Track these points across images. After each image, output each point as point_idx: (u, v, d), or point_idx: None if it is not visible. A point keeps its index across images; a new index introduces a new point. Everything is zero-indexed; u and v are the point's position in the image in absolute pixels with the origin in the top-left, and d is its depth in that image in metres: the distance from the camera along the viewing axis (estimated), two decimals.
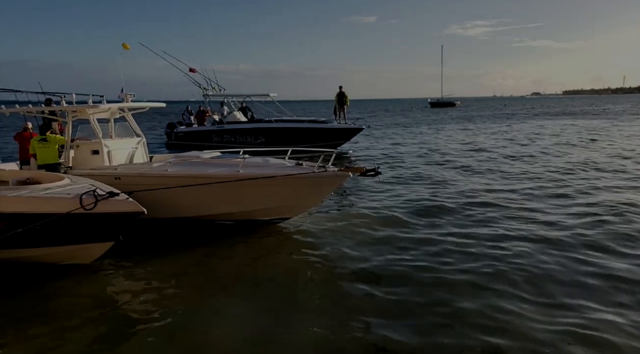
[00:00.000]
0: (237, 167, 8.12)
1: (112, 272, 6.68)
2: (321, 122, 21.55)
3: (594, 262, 6.66)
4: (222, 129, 19.83)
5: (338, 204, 10.58)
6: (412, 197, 10.89)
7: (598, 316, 5.12)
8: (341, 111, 22.54)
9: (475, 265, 6.59)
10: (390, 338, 4.70)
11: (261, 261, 7.23)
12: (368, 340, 4.71)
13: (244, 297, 5.83)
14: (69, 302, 5.71)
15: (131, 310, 5.54)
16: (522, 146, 21.10)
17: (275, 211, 8.56)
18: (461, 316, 5.13)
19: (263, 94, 21.58)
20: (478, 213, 9.35)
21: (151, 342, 4.71)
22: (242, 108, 21.60)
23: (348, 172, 7.86)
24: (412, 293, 5.79)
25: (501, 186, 12.08)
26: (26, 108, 8.78)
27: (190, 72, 20.07)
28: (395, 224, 8.76)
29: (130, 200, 6.35)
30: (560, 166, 14.86)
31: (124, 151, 9.23)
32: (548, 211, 9.41)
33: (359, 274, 6.45)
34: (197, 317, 5.21)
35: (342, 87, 22.28)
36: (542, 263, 6.65)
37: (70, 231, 6.20)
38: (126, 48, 9.09)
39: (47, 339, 4.77)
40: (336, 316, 5.21)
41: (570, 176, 13.12)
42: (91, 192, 6.12)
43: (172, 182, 8.04)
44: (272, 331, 4.89)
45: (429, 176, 13.74)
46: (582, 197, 10.45)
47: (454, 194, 11.04)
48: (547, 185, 11.94)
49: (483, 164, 15.87)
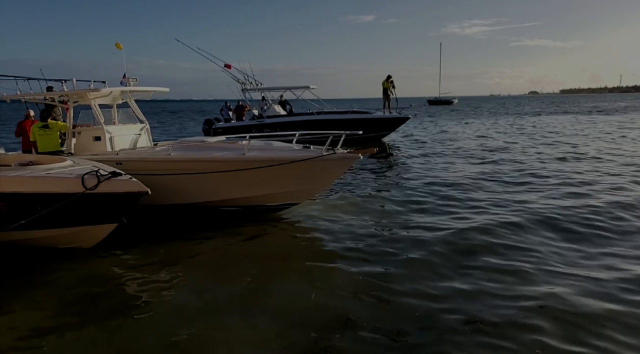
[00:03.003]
0: (242, 151, 7.65)
1: (111, 260, 6.31)
2: (364, 113, 20.77)
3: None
4: (262, 123, 19.37)
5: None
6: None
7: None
8: (386, 101, 21.66)
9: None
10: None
11: (260, 246, 6.86)
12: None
13: (242, 290, 5.30)
14: (66, 288, 5.42)
15: (129, 297, 5.26)
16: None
17: (281, 196, 8.02)
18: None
19: (302, 86, 20.96)
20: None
21: (147, 330, 4.41)
22: (281, 102, 21.09)
23: (358, 154, 7.33)
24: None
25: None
26: (27, 94, 8.60)
27: (226, 68, 19.76)
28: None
29: (133, 180, 6.15)
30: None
31: (126, 137, 8.88)
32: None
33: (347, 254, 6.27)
34: (194, 305, 4.89)
35: (390, 76, 21.44)
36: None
37: (72, 212, 6.04)
38: (119, 48, 8.92)
39: (41, 327, 4.51)
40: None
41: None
42: (94, 173, 5.97)
43: (175, 166, 7.72)
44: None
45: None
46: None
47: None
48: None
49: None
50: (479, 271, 5.55)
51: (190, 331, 4.31)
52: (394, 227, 7.46)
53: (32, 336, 4.32)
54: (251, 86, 20.35)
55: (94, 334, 4.31)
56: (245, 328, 4.38)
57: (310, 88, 21.02)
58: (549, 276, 5.34)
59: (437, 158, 15.38)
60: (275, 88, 21.12)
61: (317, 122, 19.38)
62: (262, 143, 8.36)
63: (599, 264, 5.71)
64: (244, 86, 20.36)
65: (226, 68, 19.80)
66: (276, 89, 21.16)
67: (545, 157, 14.53)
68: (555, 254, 6.06)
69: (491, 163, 13.72)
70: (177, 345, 4.11)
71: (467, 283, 5.21)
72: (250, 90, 20.52)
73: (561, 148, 17.02)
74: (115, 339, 4.23)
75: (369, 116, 20.56)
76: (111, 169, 6.47)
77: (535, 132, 24.72)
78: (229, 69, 19.81)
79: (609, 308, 4.53)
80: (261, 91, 20.65)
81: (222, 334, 4.29)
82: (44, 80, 8.76)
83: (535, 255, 6.01)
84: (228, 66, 19.79)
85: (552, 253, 6.10)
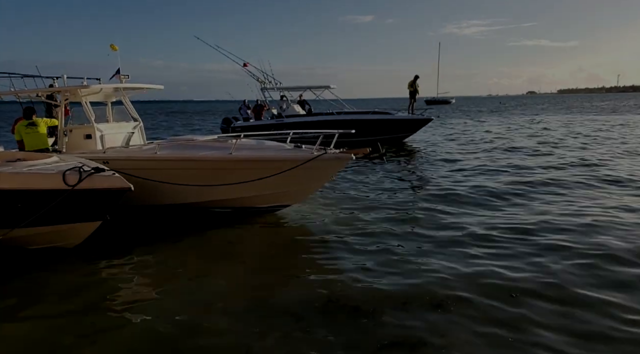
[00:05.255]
0: (229, 150, 7.41)
1: (95, 262, 6.16)
2: (385, 113, 20.29)
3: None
4: (281, 122, 19.10)
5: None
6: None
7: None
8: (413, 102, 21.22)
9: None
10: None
11: (248, 245, 6.84)
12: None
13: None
14: (50, 289, 5.33)
15: (114, 299, 5.12)
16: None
17: (272, 197, 7.79)
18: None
19: (322, 86, 20.62)
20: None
21: (132, 332, 4.36)
22: (301, 101, 20.79)
23: (351, 154, 7.10)
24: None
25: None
26: (20, 91, 8.57)
27: (245, 66, 19.61)
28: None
29: (116, 176, 5.92)
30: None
31: (119, 135, 8.76)
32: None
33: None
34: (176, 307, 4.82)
35: (417, 77, 20.91)
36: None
37: (53, 209, 5.84)
38: (114, 49, 8.80)
39: (24, 330, 4.44)
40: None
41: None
42: (76, 169, 5.79)
43: (161, 165, 7.54)
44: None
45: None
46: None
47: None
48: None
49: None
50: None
51: (173, 327, 4.34)
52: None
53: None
54: (270, 85, 20.14)
55: (77, 341, 4.20)
56: (230, 322, 4.42)
57: (331, 88, 20.68)
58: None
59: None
60: (294, 88, 20.86)
61: (338, 122, 18.98)
62: (254, 142, 8.14)
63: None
64: (264, 85, 20.17)
65: (245, 67, 19.65)
66: (296, 88, 20.90)
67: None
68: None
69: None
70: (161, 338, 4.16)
71: (448, 267, 5.49)
72: (270, 89, 20.33)
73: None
74: (98, 341, 4.16)
75: (391, 116, 20.05)
76: (95, 164, 6.29)
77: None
78: (246, 67, 19.65)
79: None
80: (280, 91, 20.41)
81: (206, 327, 4.33)
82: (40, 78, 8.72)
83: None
84: (246, 65, 19.65)
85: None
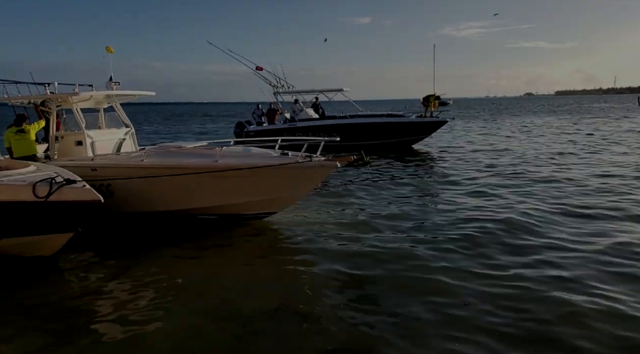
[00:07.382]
0: (215, 157, 7.37)
1: (75, 269, 6.22)
2: (399, 116, 19.98)
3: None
4: (294, 126, 18.96)
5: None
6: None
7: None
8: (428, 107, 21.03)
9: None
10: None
11: (236, 259, 6.83)
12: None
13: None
14: (27, 299, 5.35)
15: (92, 308, 5.15)
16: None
17: (258, 204, 7.74)
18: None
19: (335, 89, 20.40)
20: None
21: (108, 341, 4.41)
22: (314, 105, 20.59)
23: (335, 161, 7.05)
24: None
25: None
26: (12, 97, 8.64)
27: (257, 70, 19.52)
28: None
29: (86, 187, 5.81)
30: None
31: (110, 142, 8.76)
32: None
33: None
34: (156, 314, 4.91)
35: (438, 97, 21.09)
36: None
37: (23, 221, 5.75)
38: (110, 51, 8.75)
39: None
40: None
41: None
42: (48, 180, 5.68)
43: (147, 173, 7.49)
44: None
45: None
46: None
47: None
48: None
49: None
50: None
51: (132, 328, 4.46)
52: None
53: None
54: (283, 89, 20.02)
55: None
56: (191, 325, 4.55)
57: (344, 91, 20.43)
58: None
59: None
60: (307, 91, 20.68)
61: (351, 125, 18.75)
62: (241, 149, 8.11)
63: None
64: (276, 89, 20.06)
65: (257, 70, 19.57)
66: (309, 92, 20.72)
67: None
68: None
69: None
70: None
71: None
72: (283, 93, 20.21)
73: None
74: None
75: (405, 119, 19.73)
76: (71, 175, 6.21)
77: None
78: (259, 71, 19.57)
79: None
80: (293, 94, 20.27)
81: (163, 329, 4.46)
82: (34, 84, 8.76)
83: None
84: (259, 68, 19.56)
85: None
